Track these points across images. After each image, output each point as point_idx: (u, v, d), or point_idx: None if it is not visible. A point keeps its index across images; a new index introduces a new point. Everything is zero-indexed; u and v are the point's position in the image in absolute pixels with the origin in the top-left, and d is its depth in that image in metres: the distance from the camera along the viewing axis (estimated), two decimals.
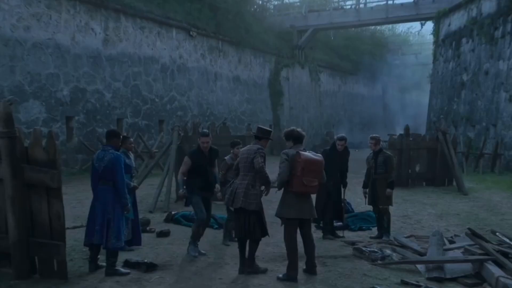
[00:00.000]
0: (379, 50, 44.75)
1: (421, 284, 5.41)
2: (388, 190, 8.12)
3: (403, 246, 7.09)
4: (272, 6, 35.95)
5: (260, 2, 34.01)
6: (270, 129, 6.38)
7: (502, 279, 5.09)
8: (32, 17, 15.73)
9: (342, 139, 8.29)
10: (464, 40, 23.70)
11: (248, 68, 28.37)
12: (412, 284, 5.45)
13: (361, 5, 33.34)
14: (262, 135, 6.11)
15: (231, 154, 7.60)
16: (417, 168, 15.73)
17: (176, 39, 22.23)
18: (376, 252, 6.60)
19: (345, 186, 8.34)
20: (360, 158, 9.58)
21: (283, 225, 5.93)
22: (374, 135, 8.65)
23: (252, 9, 30.64)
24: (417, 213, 10.65)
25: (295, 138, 5.91)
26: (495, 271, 5.43)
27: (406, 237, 7.69)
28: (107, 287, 5.43)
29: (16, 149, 5.60)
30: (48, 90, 16.20)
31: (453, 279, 5.67)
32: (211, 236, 7.90)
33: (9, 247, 5.64)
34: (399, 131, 22.76)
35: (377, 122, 44.70)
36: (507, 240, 6.87)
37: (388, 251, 6.69)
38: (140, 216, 7.81)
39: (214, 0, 24.72)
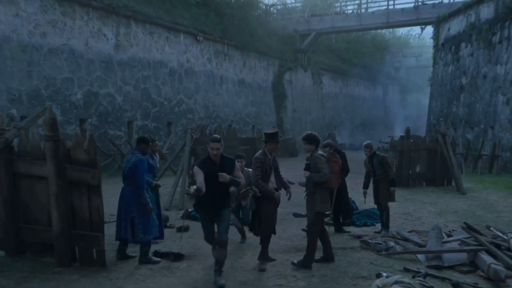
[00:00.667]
0: (379, 53, 45.47)
1: (422, 271, 6.07)
2: (392, 188, 8.61)
3: (405, 239, 7.75)
4: (275, 11, 36.64)
5: (264, 7, 34.68)
6: (275, 131, 6.74)
7: (493, 266, 5.75)
8: (48, 23, 16.40)
9: (327, 145, 8.21)
10: (463, 44, 24.34)
11: (253, 72, 29.06)
12: (414, 271, 6.09)
13: (363, 10, 34.07)
14: (267, 139, 6.55)
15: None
16: (418, 169, 16.32)
17: (184, 43, 22.92)
18: (381, 244, 7.27)
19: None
20: (362, 159, 10.16)
21: (312, 220, 6.47)
22: (367, 143, 9.21)
23: (257, 14, 31.33)
24: (418, 211, 11.27)
25: (318, 142, 6.51)
26: (487, 259, 6.09)
27: (407, 232, 8.36)
28: (142, 273, 6.10)
29: (60, 150, 6.27)
30: (63, 94, 16.87)
31: (450, 267, 6.32)
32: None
33: (52, 239, 6.31)
34: (399, 132, 23.41)
35: (377, 123, 45.39)
36: (500, 234, 7.52)
37: (391, 243, 7.35)
38: None
39: (220, 6, 25.45)
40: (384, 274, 5.51)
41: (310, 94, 35.26)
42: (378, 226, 9.20)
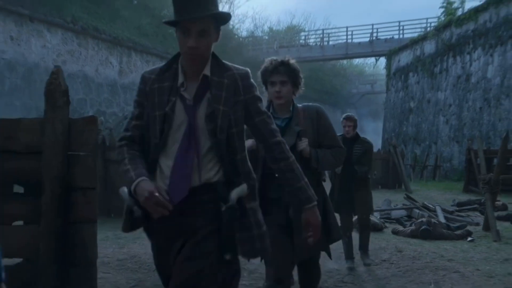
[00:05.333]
0: (339, 80, 49.78)
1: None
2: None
3: None
4: (248, 42, 40.43)
5: (240, 39, 38.36)
6: None
7: (416, 211, 9.32)
8: (67, 53, 19.48)
9: None
10: (411, 74, 28.06)
11: None
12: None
13: (325, 43, 38.23)
14: None
15: None
16: (374, 175, 20.03)
17: None
18: None
19: None
20: None
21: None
22: (349, 114, 6.26)
23: (233, 45, 35.00)
24: (375, 203, 14.79)
25: None
26: (417, 211, 9.67)
27: None
28: None
29: None
30: (78, 113, 19.84)
31: (397, 220, 9.84)
32: None
33: None
34: None
35: None
36: (430, 205, 11.16)
37: None
38: None
39: None
40: None
41: None
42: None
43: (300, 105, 3.36)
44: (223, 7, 31.82)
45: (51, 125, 3.57)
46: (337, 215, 4.50)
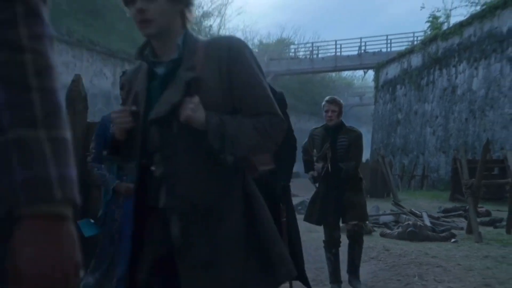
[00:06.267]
0: (328, 92, 50.44)
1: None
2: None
3: None
4: None
5: None
6: None
7: (403, 216, 9.76)
8: (62, 64, 19.81)
9: None
10: (398, 86, 28.48)
11: None
12: None
13: (314, 56, 38.88)
14: None
15: None
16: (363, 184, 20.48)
17: None
18: None
19: None
20: None
21: None
22: (333, 96, 5.00)
23: None
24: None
25: None
26: (404, 216, 10.11)
27: None
28: None
29: None
30: None
31: (385, 224, 10.27)
32: None
33: None
34: None
35: None
36: (417, 212, 11.61)
37: None
38: None
39: None
40: None
41: None
42: None
43: (205, 39, 1.93)
44: (214, 21, 32.47)
45: (71, 128, 3.93)
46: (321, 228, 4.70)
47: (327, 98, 4.92)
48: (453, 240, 7.69)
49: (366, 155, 33.77)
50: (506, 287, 4.46)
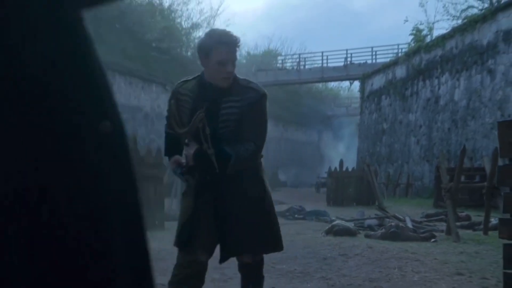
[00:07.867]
0: (315, 102, 51.25)
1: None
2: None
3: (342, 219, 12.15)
4: None
5: None
6: None
7: (387, 220, 10.23)
8: None
9: None
10: (383, 97, 29.09)
11: None
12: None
13: (301, 67, 39.55)
14: None
15: None
16: (349, 192, 21.03)
17: (155, 92, 27.04)
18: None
19: None
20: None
21: None
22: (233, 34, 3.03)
23: None
24: (349, 215, 15.77)
25: None
26: (388, 220, 10.58)
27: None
28: None
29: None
30: None
31: (369, 226, 10.72)
32: None
33: None
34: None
35: (314, 163, 50.73)
36: (398, 215, 12.09)
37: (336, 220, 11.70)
38: None
39: (186, 62, 29.93)
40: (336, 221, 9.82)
41: None
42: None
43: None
44: (203, 32, 32.96)
45: None
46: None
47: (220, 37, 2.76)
48: (433, 240, 8.16)
49: (352, 164, 34.38)
50: (476, 275, 4.92)
